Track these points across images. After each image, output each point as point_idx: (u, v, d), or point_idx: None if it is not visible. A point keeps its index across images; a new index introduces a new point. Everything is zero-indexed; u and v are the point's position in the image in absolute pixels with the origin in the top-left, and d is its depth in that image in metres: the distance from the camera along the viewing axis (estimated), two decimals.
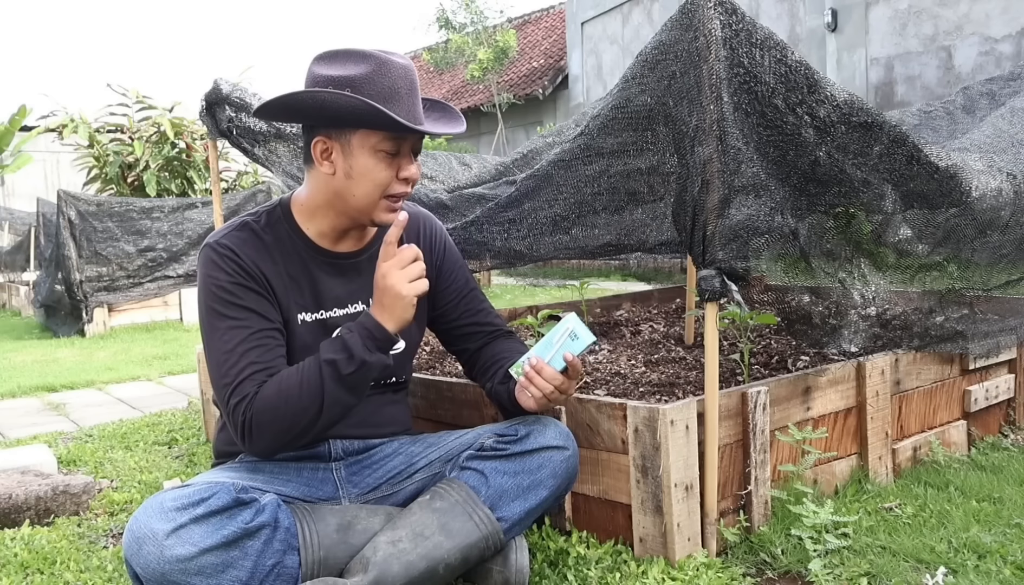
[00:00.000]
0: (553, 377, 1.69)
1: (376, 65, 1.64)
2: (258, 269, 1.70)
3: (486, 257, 2.31)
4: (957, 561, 1.79)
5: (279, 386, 1.59)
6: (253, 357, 1.62)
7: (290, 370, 1.62)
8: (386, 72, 1.64)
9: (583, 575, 1.79)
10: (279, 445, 1.63)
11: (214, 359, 1.64)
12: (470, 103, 15.62)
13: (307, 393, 1.58)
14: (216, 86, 2.87)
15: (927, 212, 2.24)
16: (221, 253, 1.69)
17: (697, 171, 1.79)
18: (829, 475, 2.19)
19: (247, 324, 1.65)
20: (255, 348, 1.63)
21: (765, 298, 3.61)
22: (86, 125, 8.88)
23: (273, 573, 1.54)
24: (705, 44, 1.76)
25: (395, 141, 1.66)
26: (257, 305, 1.68)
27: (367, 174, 1.67)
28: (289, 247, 1.76)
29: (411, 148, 1.71)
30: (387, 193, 1.70)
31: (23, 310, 9.38)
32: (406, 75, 1.67)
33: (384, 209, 1.71)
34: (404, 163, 1.69)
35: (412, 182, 1.72)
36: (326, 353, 1.60)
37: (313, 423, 1.60)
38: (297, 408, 1.58)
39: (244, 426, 1.59)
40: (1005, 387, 2.72)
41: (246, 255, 1.70)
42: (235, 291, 1.67)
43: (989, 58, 7.54)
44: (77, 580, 1.95)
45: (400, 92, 1.65)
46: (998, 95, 3.26)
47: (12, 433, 3.58)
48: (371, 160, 1.66)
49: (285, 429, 1.59)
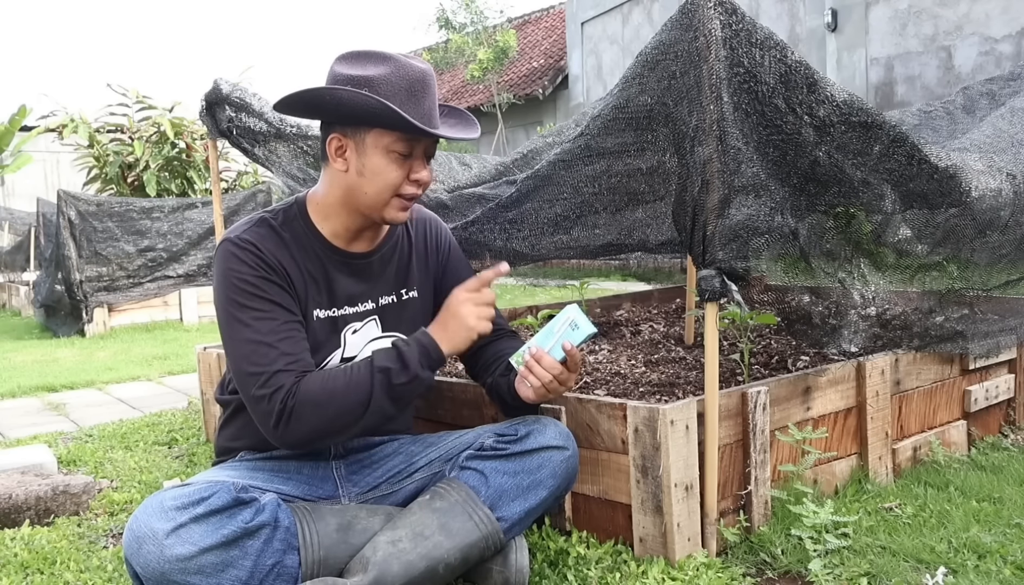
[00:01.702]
0: (552, 366, 1.70)
1: (395, 67, 1.66)
2: (279, 263, 1.71)
3: (486, 257, 2.31)
4: (957, 561, 1.79)
5: (324, 383, 1.61)
6: (285, 348, 1.63)
7: (336, 370, 1.65)
8: (404, 74, 1.66)
9: (583, 575, 1.79)
10: (314, 439, 1.64)
11: (240, 349, 1.64)
12: (470, 103, 15.61)
13: (354, 395, 1.61)
14: (216, 86, 2.87)
15: (927, 212, 2.24)
16: (242, 247, 1.69)
17: (697, 171, 1.79)
18: (829, 475, 2.19)
19: (273, 316, 1.66)
20: (285, 339, 1.65)
21: (765, 298, 3.61)
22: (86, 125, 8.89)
23: (273, 573, 1.55)
24: (705, 44, 1.76)
25: (408, 142, 1.68)
26: (280, 298, 1.69)
27: (379, 173, 1.69)
28: (305, 244, 1.77)
29: (424, 151, 1.72)
30: (398, 193, 1.71)
31: (23, 310, 9.38)
32: (423, 79, 1.68)
33: (395, 208, 1.73)
34: (416, 166, 1.71)
35: (423, 185, 1.74)
36: (380, 361, 1.63)
37: (352, 425, 1.63)
38: (341, 408, 1.60)
39: (282, 414, 1.59)
40: (1005, 387, 2.72)
41: (267, 250, 1.71)
42: (259, 284, 1.67)
43: (989, 58, 7.54)
44: (77, 580, 1.95)
45: (417, 94, 1.67)
46: (998, 95, 3.26)
47: (12, 433, 3.58)
48: (383, 160, 1.68)
49: (324, 425, 1.61)
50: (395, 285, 1.87)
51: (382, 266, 1.86)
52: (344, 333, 1.80)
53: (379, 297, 1.85)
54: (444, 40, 15.28)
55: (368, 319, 1.83)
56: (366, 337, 1.83)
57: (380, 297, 1.85)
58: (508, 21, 15.76)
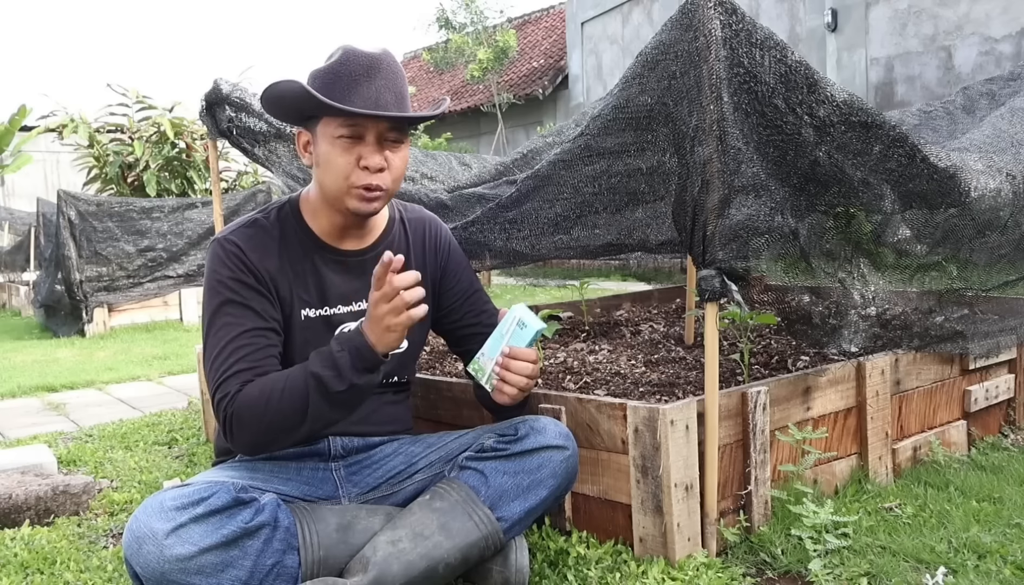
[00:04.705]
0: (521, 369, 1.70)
1: (341, 55, 1.68)
2: (262, 266, 1.72)
3: (486, 257, 2.31)
4: (957, 561, 1.79)
5: (262, 388, 1.59)
6: (242, 354, 1.64)
7: (276, 375, 1.62)
8: (346, 60, 1.67)
9: (583, 575, 1.79)
10: (260, 444, 1.63)
11: (208, 354, 1.67)
12: (470, 103, 15.61)
13: (288, 401, 1.57)
14: (216, 86, 2.87)
15: (926, 212, 2.24)
16: (227, 249, 1.72)
17: (697, 171, 1.79)
18: (829, 475, 2.19)
19: (241, 322, 1.66)
20: (245, 346, 1.65)
21: (765, 298, 3.61)
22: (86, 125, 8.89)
23: (273, 573, 1.55)
24: (705, 44, 1.76)
25: (351, 127, 1.66)
26: (256, 303, 1.69)
27: (330, 162, 1.69)
28: (296, 243, 1.78)
29: (377, 137, 1.68)
30: (352, 183, 1.69)
31: (23, 310, 9.38)
32: (370, 64, 1.66)
33: (355, 198, 1.70)
34: (366, 152, 1.68)
35: (377, 171, 1.69)
36: (314, 366, 1.58)
37: (295, 429, 1.60)
38: (277, 413, 1.58)
39: (226, 422, 1.61)
40: (1005, 387, 2.72)
41: (251, 252, 1.71)
42: (235, 287, 1.68)
43: (989, 58, 7.54)
44: (77, 580, 1.95)
45: (358, 79, 1.65)
46: (998, 95, 3.26)
47: (12, 433, 3.58)
48: (331, 148, 1.68)
49: (263, 430, 1.59)
50: None
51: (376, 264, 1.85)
52: (337, 333, 1.79)
53: None
54: (444, 40, 15.26)
55: (362, 319, 1.82)
56: None
57: None
58: (508, 21, 15.75)
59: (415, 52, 20.22)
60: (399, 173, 1.74)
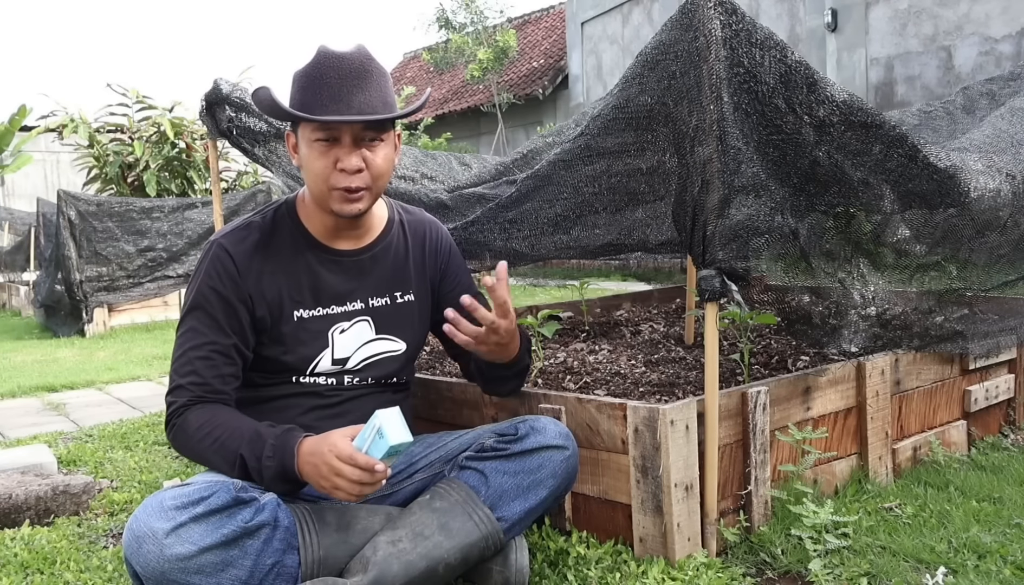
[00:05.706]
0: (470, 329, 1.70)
1: (313, 57, 1.69)
2: (249, 274, 1.73)
3: (486, 257, 2.31)
4: (957, 561, 1.79)
5: (200, 425, 1.65)
6: (197, 367, 1.69)
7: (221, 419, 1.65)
8: (317, 63, 1.68)
9: (583, 575, 1.79)
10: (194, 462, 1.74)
11: (173, 350, 1.75)
12: (470, 103, 15.61)
13: (216, 458, 1.64)
14: (216, 86, 2.87)
15: (926, 212, 2.24)
16: (216, 254, 1.74)
17: (697, 171, 1.79)
18: (829, 475, 2.19)
19: (205, 333, 1.71)
20: (202, 360, 1.69)
21: (765, 298, 3.61)
22: (86, 125, 8.90)
23: (273, 572, 1.55)
24: (705, 44, 1.76)
25: (326, 131, 1.67)
26: (224, 316, 1.71)
27: (309, 165, 1.71)
28: (290, 244, 1.78)
29: (352, 138, 1.67)
30: (332, 185, 1.69)
31: (23, 310, 9.38)
32: (340, 65, 1.66)
33: (337, 199, 1.71)
34: (343, 154, 1.68)
35: (355, 172, 1.68)
36: (245, 449, 1.61)
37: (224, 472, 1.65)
38: (205, 458, 1.67)
39: (169, 428, 1.70)
40: (1005, 387, 2.72)
41: (241, 259, 1.74)
42: (210, 297, 1.72)
43: (989, 58, 7.54)
44: (77, 580, 1.95)
45: (329, 81, 1.65)
46: (998, 95, 3.26)
47: (12, 433, 3.58)
48: (310, 151, 1.70)
49: (194, 458, 1.72)
50: (389, 287, 1.86)
51: (373, 265, 1.84)
52: (332, 333, 1.79)
53: (369, 298, 1.84)
54: (444, 40, 15.26)
55: (357, 319, 1.82)
56: (359, 339, 1.82)
57: (371, 298, 1.84)
58: (508, 21, 15.74)
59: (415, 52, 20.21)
60: (381, 170, 1.72)
